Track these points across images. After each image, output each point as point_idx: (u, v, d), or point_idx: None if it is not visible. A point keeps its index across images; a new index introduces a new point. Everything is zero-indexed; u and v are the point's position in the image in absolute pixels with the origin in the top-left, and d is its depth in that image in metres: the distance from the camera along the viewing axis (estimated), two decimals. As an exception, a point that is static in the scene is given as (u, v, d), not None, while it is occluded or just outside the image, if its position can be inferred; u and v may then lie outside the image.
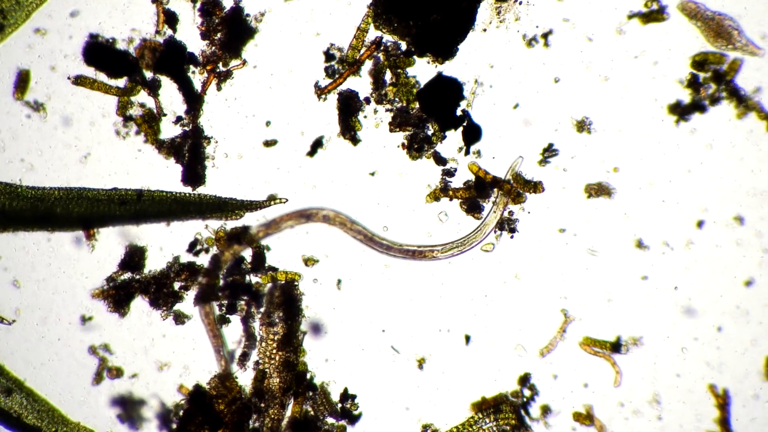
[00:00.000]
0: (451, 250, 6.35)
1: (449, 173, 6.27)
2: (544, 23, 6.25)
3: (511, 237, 6.31)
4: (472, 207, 6.29)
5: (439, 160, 6.35)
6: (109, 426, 6.67)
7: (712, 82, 6.20)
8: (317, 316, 6.57)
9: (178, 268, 6.53)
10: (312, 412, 6.57)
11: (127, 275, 6.55)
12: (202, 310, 6.56)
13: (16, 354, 6.66)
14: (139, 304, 6.57)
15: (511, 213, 6.30)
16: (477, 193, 6.28)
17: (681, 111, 6.24)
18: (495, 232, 6.25)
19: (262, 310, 6.56)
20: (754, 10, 6.12)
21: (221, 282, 6.58)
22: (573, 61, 6.26)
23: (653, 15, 6.17)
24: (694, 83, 6.21)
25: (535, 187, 6.25)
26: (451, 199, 6.32)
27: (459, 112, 6.28)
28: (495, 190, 6.28)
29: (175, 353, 6.64)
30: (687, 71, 6.22)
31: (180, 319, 6.57)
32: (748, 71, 6.17)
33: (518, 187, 6.28)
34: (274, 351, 6.49)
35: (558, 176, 6.36)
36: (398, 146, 6.40)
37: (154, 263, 6.57)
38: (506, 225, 6.29)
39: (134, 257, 6.54)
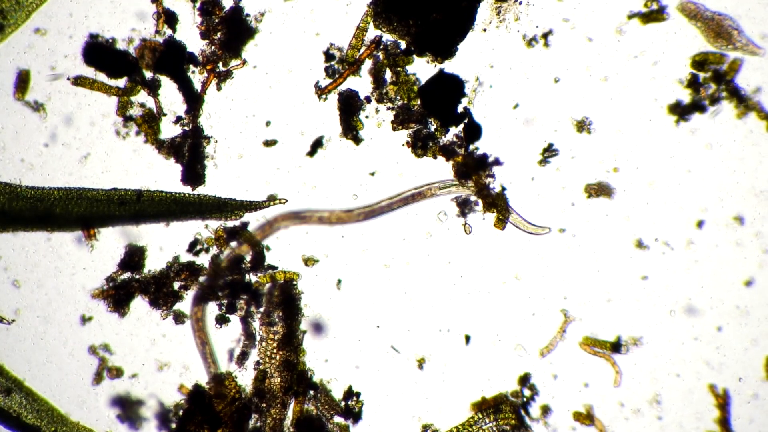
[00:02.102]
0: (449, 187, 6.36)
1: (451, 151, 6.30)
2: (544, 23, 6.28)
3: (459, 216, 6.32)
4: (464, 175, 6.31)
5: (448, 152, 6.38)
6: (109, 426, 6.70)
7: (712, 82, 6.23)
8: (317, 316, 6.59)
9: (178, 268, 6.55)
10: (316, 412, 6.58)
11: (127, 275, 6.58)
12: (194, 313, 6.58)
13: (16, 354, 6.69)
14: (140, 304, 6.60)
15: (474, 204, 6.34)
16: (471, 169, 6.32)
17: (681, 111, 6.27)
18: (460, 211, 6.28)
19: (261, 309, 6.58)
20: (754, 10, 6.15)
21: (221, 281, 6.61)
22: (573, 61, 6.29)
23: (653, 15, 6.20)
24: (694, 83, 6.24)
25: (500, 221, 6.29)
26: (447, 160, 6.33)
27: (460, 110, 6.30)
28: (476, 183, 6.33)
29: (175, 353, 6.67)
30: (687, 71, 6.25)
31: (180, 318, 6.59)
32: (748, 71, 6.20)
33: (496, 206, 6.32)
34: (275, 350, 6.51)
35: (558, 176, 6.40)
36: (403, 144, 6.42)
37: (154, 263, 6.60)
38: (465, 206, 6.32)
39: (134, 257, 6.57)
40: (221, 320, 6.61)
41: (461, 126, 6.33)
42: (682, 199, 6.31)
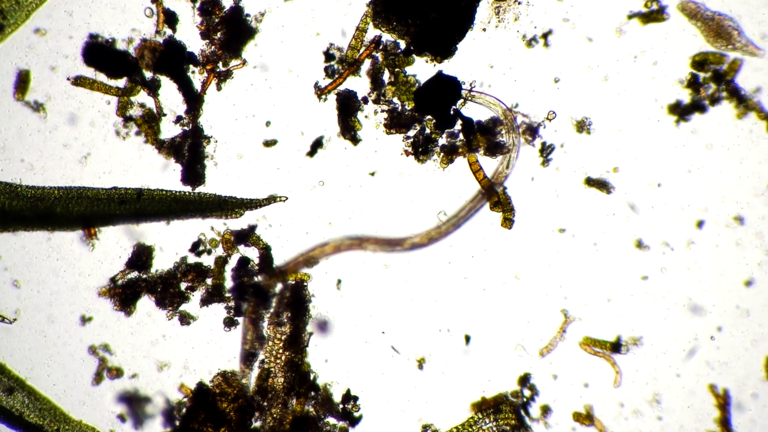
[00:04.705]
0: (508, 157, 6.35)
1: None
2: (543, 23, 6.37)
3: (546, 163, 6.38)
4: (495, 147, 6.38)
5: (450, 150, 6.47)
6: (111, 424, 6.77)
7: (712, 82, 6.33)
8: (320, 316, 6.67)
9: (185, 269, 6.62)
10: (314, 412, 6.68)
11: (133, 274, 6.65)
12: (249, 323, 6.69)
13: (18, 353, 6.76)
14: (140, 304, 6.68)
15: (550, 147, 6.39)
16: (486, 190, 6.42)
17: (681, 111, 6.36)
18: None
19: (271, 310, 6.65)
20: (754, 10, 6.25)
21: (231, 283, 6.69)
22: (573, 61, 6.38)
23: (653, 15, 6.29)
24: (694, 83, 6.34)
25: (505, 220, 6.38)
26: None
27: (452, 112, 6.39)
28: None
29: (175, 353, 6.74)
30: (687, 71, 6.35)
31: (186, 319, 6.67)
32: (748, 71, 6.31)
33: (501, 206, 6.41)
34: (281, 351, 6.60)
35: (558, 176, 6.51)
36: (401, 154, 6.50)
37: (155, 263, 6.68)
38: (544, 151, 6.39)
39: (142, 256, 6.64)
40: (230, 323, 6.69)
41: (458, 126, 6.43)
42: (682, 199, 6.42)
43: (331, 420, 6.70)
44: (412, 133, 6.46)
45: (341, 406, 6.69)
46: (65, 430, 6.67)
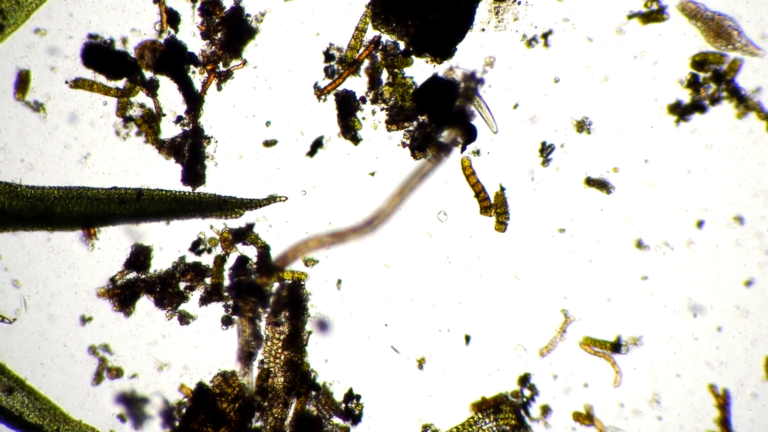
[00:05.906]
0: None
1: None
2: (543, 23, 6.41)
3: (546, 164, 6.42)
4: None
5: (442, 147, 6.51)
6: (111, 424, 6.81)
7: (712, 82, 6.37)
8: (318, 315, 6.71)
9: (184, 269, 6.67)
10: (315, 412, 6.72)
11: (132, 274, 6.69)
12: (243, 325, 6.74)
13: (18, 353, 6.80)
14: (140, 304, 6.71)
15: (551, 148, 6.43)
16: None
17: (681, 111, 6.41)
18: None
19: (268, 310, 6.69)
20: (754, 10, 6.29)
21: (227, 282, 6.73)
22: (573, 61, 6.42)
23: (653, 15, 6.34)
24: (694, 83, 6.38)
25: (499, 224, 6.42)
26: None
27: (455, 111, 6.44)
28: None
29: (175, 353, 6.77)
30: (687, 71, 6.39)
31: (185, 319, 6.71)
32: (748, 71, 6.35)
33: (495, 209, 6.46)
34: (279, 350, 6.64)
35: (558, 176, 6.55)
36: (398, 145, 6.56)
37: (156, 263, 6.71)
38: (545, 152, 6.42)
39: (140, 257, 6.67)
40: (227, 321, 6.73)
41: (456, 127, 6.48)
42: (682, 199, 6.46)
43: (333, 419, 6.73)
44: (413, 126, 6.50)
45: (344, 405, 6.73)
46: (65, 430, 6.72)
